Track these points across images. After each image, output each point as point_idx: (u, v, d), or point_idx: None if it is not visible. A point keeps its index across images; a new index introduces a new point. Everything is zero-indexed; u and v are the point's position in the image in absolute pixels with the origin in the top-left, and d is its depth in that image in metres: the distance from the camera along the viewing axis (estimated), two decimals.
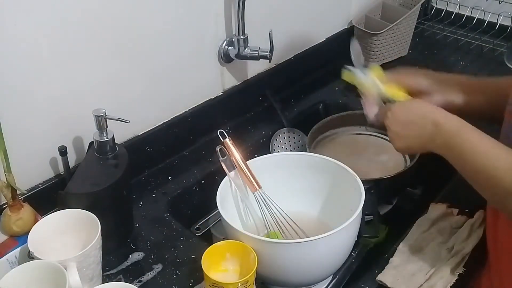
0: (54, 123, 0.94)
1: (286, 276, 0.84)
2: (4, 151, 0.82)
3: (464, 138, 0.78)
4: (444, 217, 0.97)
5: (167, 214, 1.02)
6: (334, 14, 1.46)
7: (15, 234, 0.84)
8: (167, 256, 0.92)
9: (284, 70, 1.35)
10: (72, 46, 0.91)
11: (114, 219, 0.91)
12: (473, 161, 0.77)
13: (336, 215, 0.91)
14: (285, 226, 0.92)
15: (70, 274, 0.75)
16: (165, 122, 1.12)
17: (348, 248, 0.87)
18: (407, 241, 0.93)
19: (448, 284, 0.84)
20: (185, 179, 1.11)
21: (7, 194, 0.83)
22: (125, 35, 0.98)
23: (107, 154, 0.92)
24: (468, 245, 0.90)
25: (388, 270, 0.87)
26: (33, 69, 0.88)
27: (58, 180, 0.96)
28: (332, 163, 0.95)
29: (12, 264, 0.82)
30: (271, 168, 0.98)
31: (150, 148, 1.10)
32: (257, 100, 1.30)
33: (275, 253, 0.81)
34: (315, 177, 0.98)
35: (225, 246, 0.82)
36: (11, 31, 0.83)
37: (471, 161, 0.77)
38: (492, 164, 0.75)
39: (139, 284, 0.87)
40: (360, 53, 1.01)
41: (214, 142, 0.93)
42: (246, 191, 0.94)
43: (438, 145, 0.82)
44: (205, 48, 1.15)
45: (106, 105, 0.91)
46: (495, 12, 1.57)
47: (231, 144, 0.91)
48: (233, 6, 1.14)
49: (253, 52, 1.16)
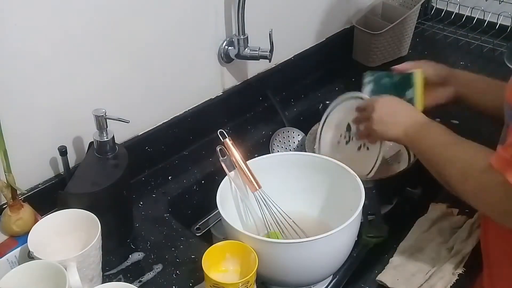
0: (54, 123, 0.94)
1: (286, 276, 0.84)
2: (4, 151, 0.82)
3: (426, 134, 0.86)
4: (444, 217, 0.98)
5: (167, 214, 1.02)
6: (334, 14, 1.46)
7: (15, 234, 0.84)
8: (167, 256, 0.92)
9: (284, 70, 1.35)
10: (72, 46, 0.91)
11: (114, 219, 0.91)
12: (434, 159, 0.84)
13: (336, 215, 0.91)
14: (285, 226, 0.92)
15: (70, 274, 0.75)
16: (165, 122, 1.12)
17: (348, 248, 0.87)
18: (407, 241, 0.93)
19: (448, 284, 0.84)
20: (185, 179, 1.11)
21: (7, 194, 0.83)
22: (125, 35, 0.98)
23: (107, 154, 0.92)
24: (468, 245, 0.90)
25: (388, 270, 0.87)
26: (33, 69, 0.88)
27: (58, 180, 0.96)
28: (332, 163, 0.95)
29: (12, 264, 0.82)
30: (271, 168, 0.98)
31: (150, 148, 1.10)
32: (257, 100, 1.30)
33: (275, 253, 0.81)
34: (315, 177, 0.98)
35: (225, 246, 0.82)
36: (12, 32, 0.83)
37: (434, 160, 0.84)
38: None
39: (139, 284, 0.87)
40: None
41: (214, 142, 0.93)
42: (246, 191, 0.94)
43: (408, 138, 0.90)
44: (205, 48, 1.15)
45: (106, 105, 0.91)
46: (495, 12, 1.57)
47: (231, 144, 0.92)
48: (233, 6, 1.14)
49: (253, 52, 1.16)
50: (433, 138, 0.86)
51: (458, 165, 0.79)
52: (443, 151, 0.83)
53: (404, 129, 0.91)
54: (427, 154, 0.86)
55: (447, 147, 0.83)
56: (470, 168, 0.76)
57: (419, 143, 0.88)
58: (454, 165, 0.80)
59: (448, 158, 0.82)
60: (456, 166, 0.79)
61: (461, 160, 0.79)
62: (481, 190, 0.75)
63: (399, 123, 0.92)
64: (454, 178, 0.80)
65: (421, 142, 0.88)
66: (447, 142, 0.84)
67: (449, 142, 0.84)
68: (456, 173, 0.79)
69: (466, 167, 0.77)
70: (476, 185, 0.75)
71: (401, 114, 0.94)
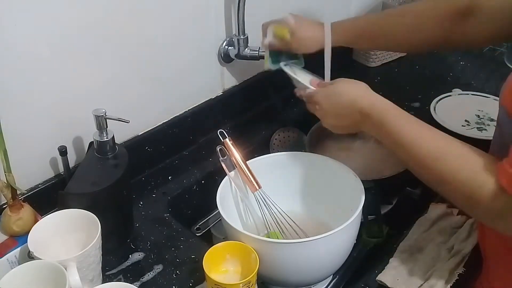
0: (54, 123, 0.94)
1: (286, 276, 0.84)
2: (4, 151, 0.82)
3: (391, 126, 0.78)
4: (444, 217, 0.97)
5: (167, 214, 1.02)
6: (334, 14, 1.46)
7: (15, 234, 0.84)
8: (167, 256, 0.92)
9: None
10: (72, 47, 0.91)
11: (114, 219, 0.91)
12: (413, 153, 0.76)
13: (336, 215, 0.91)
14: (285, 226, 0.92)
15: (70, 274, 0.75)
16: (165, 122, 1.12)
17: (348, 248, 0.87)
18: (407, 241, 0.93)
19: (448, 284, 0.84)
20: (185, 179, 1.11)
21: (7, 194, 0.83)
22: (125, 35, 0.98)
23: (107, 154, 0.92)
24: (468, 245, 0.90)
25: (388, 270, 0.87)
26: (33, 69, 0.88)
27: (58, 180, 0.96)
28: (332, 163, 0.95)
29: (12, 264, 0.82)
30: (271, 168, 0.98)
31: (150, 148, 1.10)
32: (257, 100, 1.30)
33: (275, 253, 0.81)
34: (315, 177, 0.98)
35: (225, 247, 0.82)
36: (12, 32, 0.83)
37: (402, 149, 0.77)
38: (420, 152, 0.75)
39: (139, 284, 0.87)
40: None
41: (214, 142, 0.93)
42: (246, 191, 0.94)
43: (370, 130, 0.83)
44: (205, 48, 1.15)
45: (106, 105, 0.91)
46: None
47: (231, 144, 0.92)
48: (233, 6, 1.14)
49: (253, 52, 1.16)
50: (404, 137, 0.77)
51: (459, 188, 0.70)
52: (429, 162, 0.74)
53: (361, 125, 0.83)
54: (404, 157, 0.78)
55: (434, 155, 0.74)
56: (478, 193, 0.68)
57: (384, 140, 0.81)
58: (454, 188, 0.71)
59: (440, 174, 0.73)
60: (457, 189, 0.71)
61: (462, 181, 0.70)
62: (497, 217, 0.69)
63: (345, 127, 0.87)
64: (459, 203, 0.74)
65: (388, 138, 0.79)
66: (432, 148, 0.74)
67: (434, 150, 0.74)
68: (461, 198, 0.72)
69: (472, 192, 0.69)
70: (489, 212, 0.69)
71: (347, 114, 0.84)
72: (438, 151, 0.74)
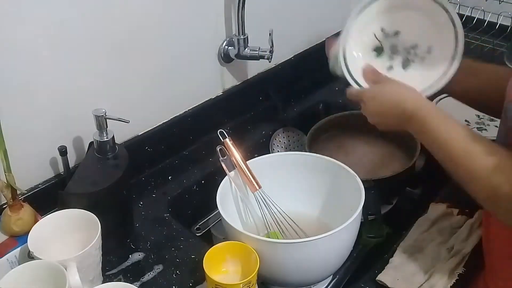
0: (54, 123, 0.94)
1: (286, 276, 0.84)
2: (4, 151, 0.82)
3: (435, 128, 0.79)
4: (444, 217, 0.97)
5: (167, 214, 1.02)
6: (334, 14, 1.46)
7: (15, 234, 0.84)
8: (167, 256, 0.92)
9: (284, 70, 1.35)
10: (72, 46, 0.91)
11: (114, 219, 0.91)
12: (447, 151, 0.77)
13: (336, 215, 0.91)
14: (285, 226, 0.92)
15: (70, 274, 0.75)
16: (165, 122, 1.12)
17: (348, 248, 0.87)
18: (407, 241, 0.93)
19: (448, 284, 0.84)
20: (185, 179, 1.11)
21: (7, 194, 0.83)
22: (125, 35, 0.98)
23: (107, 154, 0.92)
24: (468, 245, 0.90)
25: (388, 270, 0.87)
26: (33, 69, 0.88)
27: (58, 180, 0.96)
28: (332, 163, 0.95)
29: (12, 264, 0.82)
30: (271, 168, 0.98)
31: (150, 148, 1.10)
32: (257, 100, 1.30)
33: (275, 253, 0.81)
34: (315, 177, 0.98)
35: (225, 247, 0.82)
36: (11, 31, 0.83)
37: (445, 151, 0.78)
38: (466, 158, 0.75)
39: (139, 284, 0.87)
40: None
41: (214, 142, 0.93)
42: (246, 191, 0.94)
43: (414, 132, 0.83)
44: (205, 48, 1.15)
45: (106, 105, 0.91)
46: (495, 12, 1.57)
47: (231, 144, 0.92)
48: (233, 6, 1.13)
49: (253, 52, 1.16)
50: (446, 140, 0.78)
51: (486, 185, 0.73)
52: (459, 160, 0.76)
53: (406, 125, 0.84)
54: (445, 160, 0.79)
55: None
56: (500, 189, 0.70)
57: (427, 141, 0.82)
58: (480, 185, 0.73)
59: (468, 171, 0.75)
60: (483, 186, 0.73)
61: (487, 178, 0.72)
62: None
63: (389, 125, 0.88)
64: (482, 199, 0.75)
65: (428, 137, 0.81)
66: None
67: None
68: (484, 195, 0.74)
69: (494, 188, 0.71)
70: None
71: (392, 113, 0.85)
72: (467, 150, 0.75)
